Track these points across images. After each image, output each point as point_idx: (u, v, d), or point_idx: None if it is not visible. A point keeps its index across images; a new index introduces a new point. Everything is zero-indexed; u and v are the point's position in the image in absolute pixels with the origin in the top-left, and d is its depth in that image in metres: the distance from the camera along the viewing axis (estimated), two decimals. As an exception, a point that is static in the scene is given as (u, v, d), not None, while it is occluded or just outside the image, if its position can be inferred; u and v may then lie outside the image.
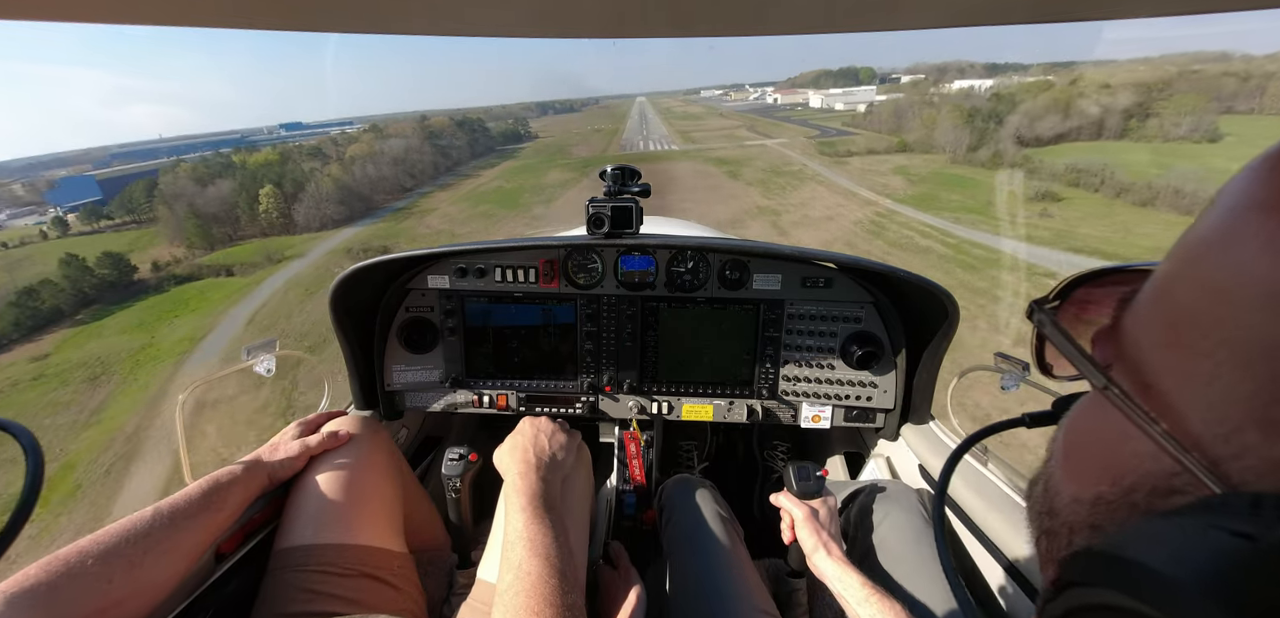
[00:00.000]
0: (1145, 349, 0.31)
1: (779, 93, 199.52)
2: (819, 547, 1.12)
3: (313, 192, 56.68)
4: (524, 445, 1.14)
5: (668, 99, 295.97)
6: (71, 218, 68.24)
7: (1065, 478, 0.36)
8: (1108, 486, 0.31)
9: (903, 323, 1.51)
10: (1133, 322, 0.33)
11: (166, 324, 32.38)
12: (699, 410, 1.67)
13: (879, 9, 0.55)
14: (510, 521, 0.96)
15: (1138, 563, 0.23)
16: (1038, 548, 0.39)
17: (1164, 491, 0.28)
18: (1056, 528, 0.36)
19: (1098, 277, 0.42)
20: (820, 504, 1.21)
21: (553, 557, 0.88)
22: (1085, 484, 0.34)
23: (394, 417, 1.72)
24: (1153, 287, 0.32)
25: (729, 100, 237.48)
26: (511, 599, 0.82)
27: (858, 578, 1.04)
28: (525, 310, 1.63)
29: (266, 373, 1.47)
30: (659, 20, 0.53)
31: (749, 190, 49.50)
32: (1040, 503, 0.39)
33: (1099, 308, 0.40)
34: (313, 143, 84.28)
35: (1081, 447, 0.36)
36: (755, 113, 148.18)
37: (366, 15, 0.52)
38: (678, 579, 1.19)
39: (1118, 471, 0.31)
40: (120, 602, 0.83)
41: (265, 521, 1.17)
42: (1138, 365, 0.31)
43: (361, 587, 1.04)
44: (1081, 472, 0.35)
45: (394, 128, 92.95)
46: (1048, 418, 0.51)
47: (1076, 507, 0.34)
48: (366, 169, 67.35)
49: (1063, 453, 0.38)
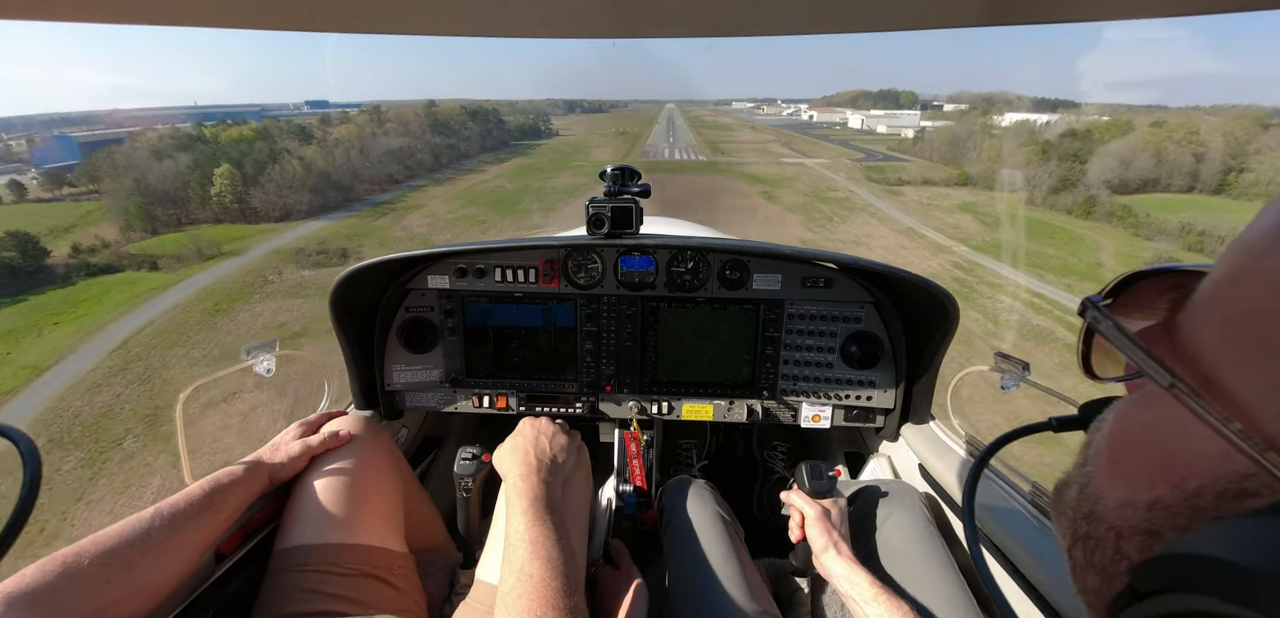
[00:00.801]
0: (1209, 347, 0.29)
1: (815, 110, 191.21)
2: (829, 546, 1.13)
3: (276, 176, 48.20)
4: (525, 447, 1.14)
5: (697, 108, 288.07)
6: (33, 183, 62.36)
7: (1111, 481, 0.35)
8: (1166, 489, 0.30)
9: (903, 323, 1.51)
10: (1192, 321, 0.31)
11: (36, 334, 25.11)
12: (699, 411, 1.68)
13: (884, 9, 0.55)
14: (512, 523, 0.96)
15: (1237, 565, 0.22)
16: (1072, 556, 0.37)
17: (1235, 493, 0.26)
18: (1100, 534, 0.34)
19: (1150, 275, 0.40)
20: (831, 504, 1.21)
21: (555, 559, 0.88)
22: (1138, 487, 0.32)
23: (394, 417, 1.72)
24: (1214, 285, 0.30)
25: (761, 114, 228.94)
26: (514, 602, 0.82)
27: (866, 577, 1.05)
28: (525, 311, 1.63)
29: (266, 373, 1.45)
30: (660, 20, 0.53)
31: (788, 218, 41.49)
32: (1075, 508, 0.38)
33: (1150, 309, 0.38)
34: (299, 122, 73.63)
35: (1131, 447, 0.35)
36: (789, 128, 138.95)
37: (367, 16, 0.52)
38: (678, 579, 1.19)
39: (1178, 473, 0.29)
40: (119, 602, 0.83)
41: (266, 521, 1.17)
42: (1200, 364, 0.29)
43: (362, 587, 1.04)
44: (1132, 475, 0.33)
45: (397, 113, 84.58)
46: (1075, 423, 0.50)
47: (1127, 511, 0.32)
48: (351, 155, 58.65)
49: (1107, 455, 0.36)
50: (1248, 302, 0.28)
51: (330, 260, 33.40)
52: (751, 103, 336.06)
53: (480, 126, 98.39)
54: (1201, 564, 0.24)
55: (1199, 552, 0.24)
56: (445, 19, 0.52)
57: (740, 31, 0.57)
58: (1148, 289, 0.39)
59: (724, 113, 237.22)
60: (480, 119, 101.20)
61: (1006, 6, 0.56)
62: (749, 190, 49.74)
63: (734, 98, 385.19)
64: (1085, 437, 0.41)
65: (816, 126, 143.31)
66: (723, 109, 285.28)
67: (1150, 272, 0.40)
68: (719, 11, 0.54)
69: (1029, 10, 0.57)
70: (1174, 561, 0.26)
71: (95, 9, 0.52)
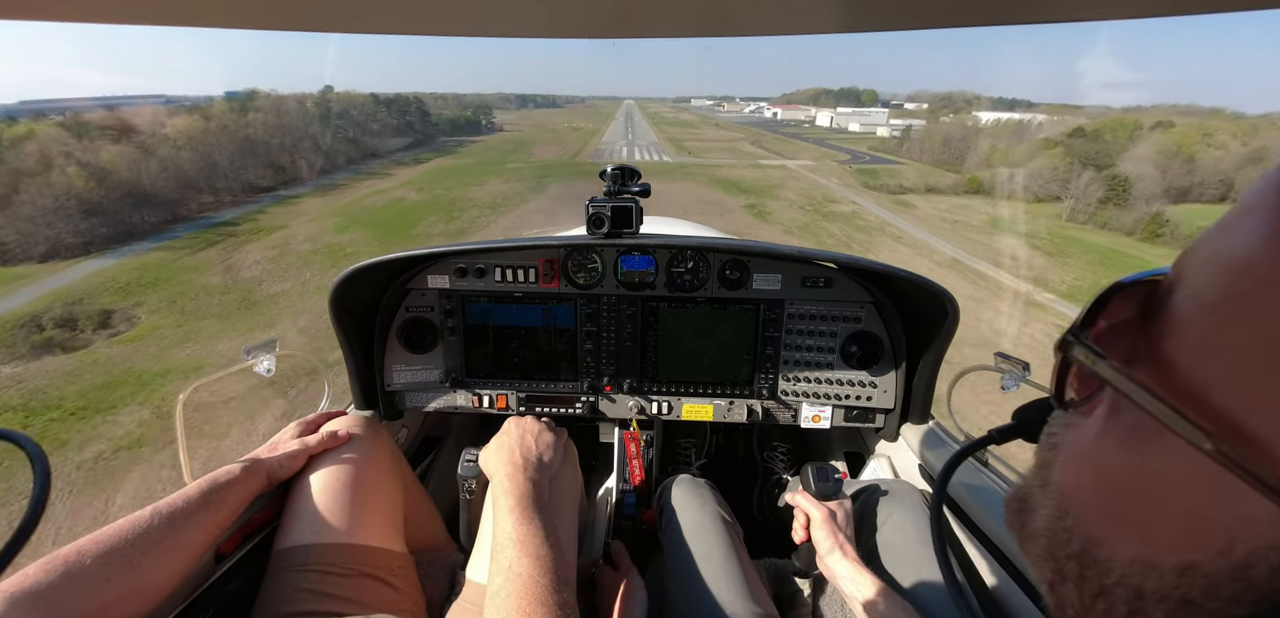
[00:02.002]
0: (1223, 387, 0.24)
1: (779, 107, 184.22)
2: (835, 548, 1.13)
3: (43, 193, 30.89)
4: (510, 447, 1.14)
5: (656, 105, 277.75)
6: None
7: (1114, 531, 0.30)
8: (1201, 554, 0.25)
9: (903, 323, 1.50)
10: (1190, 351, 0.26)
11: None
12: (699, 410, 1.67)
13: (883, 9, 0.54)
14: (499, 523, 0.96)
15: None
16: (1059, 595, 0.33)
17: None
18: (1108, 587, 0.30)
19: (1120, 291, 0.33)
20: (837, 506, 1.21)
21: (543, 556, 0.88)
22: (1159, 549, 0.27)
23: (394, 417, 1.72)
24: (1216, 307, 0.25)
25: (722, 111, 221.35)
26: (503, 601, 0.82)
27: (871, 579, 1.05)
28: (525, 310, 1.62)
29: (266, 373, 1.46)
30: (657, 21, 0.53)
31: (790, 242, 30.18)
32: (1053, 539, 0.33)
33: (1117, 332, 0.32)
34: (93, 118, 47.12)
35: (1133, 498, 0.29)
36: (754, 126, 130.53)
37: (361, 16, 0.52)
38: (677, 580, 1.19)
39: (1218, 539, 0.25)
40: (119, 601, 0.83)
41: (265, 521, 1.17)
42: (1216, 408, 0.24)
43: (361, 587, 1.04)
44: (1147, 531, 0.28)
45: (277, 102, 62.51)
46: (1015, 432, 0.47)
47: (1151, 573, 0.28)
48: (184, 157, 41.54)
49: (1100, 501, 0.31)
50: (1269, 331, 0.23)
51: (81, 333, 19.67)
52: (711, 100, 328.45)
53: (397, 119, 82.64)
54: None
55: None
56: (440, 18, 0.51)
57: (737, 32, 0.57)
58: (1114, 308, 0.33)
59: (684, 110, 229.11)
60: (397, 110, 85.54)
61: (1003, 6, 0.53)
62: (731, 204, 38.31)
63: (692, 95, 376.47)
64: (1039, 449, 0.37)
65: (783, 124, 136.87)
66: (682, 106, 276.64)
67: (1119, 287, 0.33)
68: (718, 11, 0.53)
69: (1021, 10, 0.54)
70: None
71: (96, 9, 0.52)
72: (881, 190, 48.00)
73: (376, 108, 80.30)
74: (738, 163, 61.52)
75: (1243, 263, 0.24)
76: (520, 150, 71.49)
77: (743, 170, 55.08)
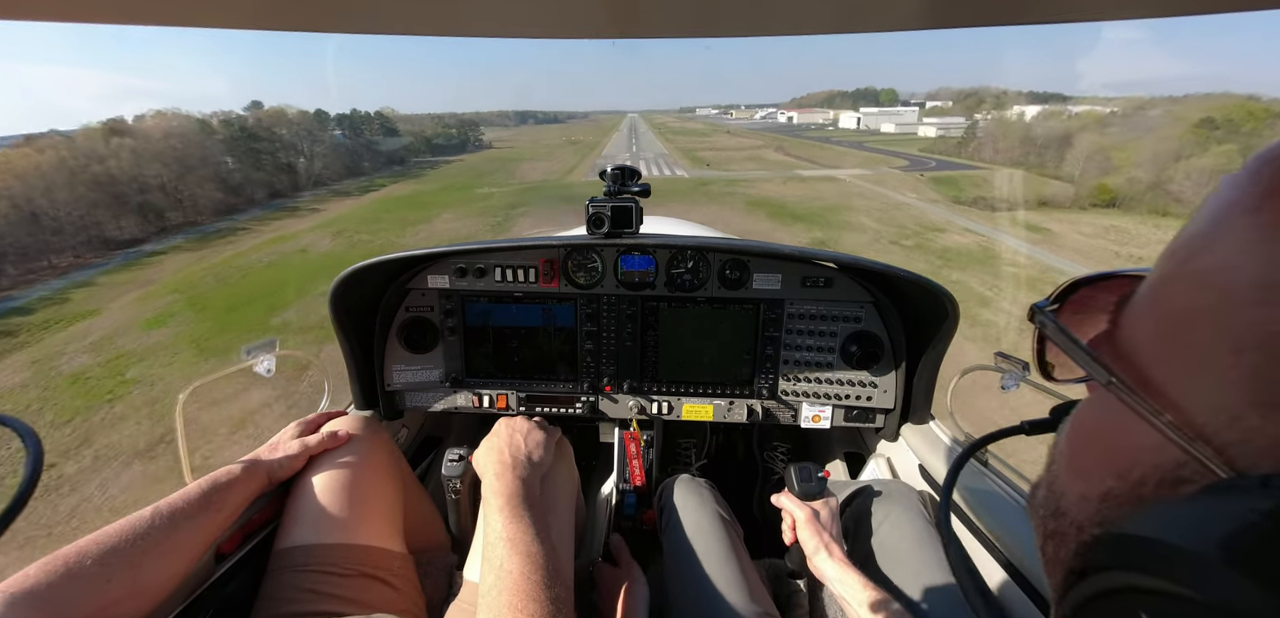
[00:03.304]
0: (1144, 347, 0.31)
1: (794, 112, 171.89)
2: (820, 548, 1.13)
3: None
4: (499, 446, 1.14)
5: (660, 116, 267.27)
6: None
7: (1071, 477, 0.37)
8: (1115, 480, 0.32)
9: (903, 323, 1.50)
10: (1130, 323, 0.33)
11: None
12: (699, 410, 1.66)
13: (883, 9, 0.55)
14: (489, 522, 0.96)
15: (1158, 541, 0.24)
16: (1043, 553, 0.39)
17: (1172, 480, 0.28)
18: (1064, 528, 0.36)
19: (1094, 281, 0.42)
20: (821, 505, 1.21)
21: (534, 553, 0.88)
22: (1092, 482, 0.34)
23: (394, 417, 1.71)
24: (1149, 288, 0.33)
25: (731, 118, 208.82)
26: (495, 599, 0.82)
27: (858, 579, 1.05)
28: (525, 310, 1.62)
29: (267, 373, 1.45)
30: (655, 21, 0.53)
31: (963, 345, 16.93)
32: (1044, 506, 0.39)
33: (1096, 313, 0.40)
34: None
35: (1086, 445, 0.36)
36: (772, 132, 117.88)
37: (361, 17, 0.52)
38: (677, 580, 1.19)
39: (1124, 465, 0.31)
40: (119, 601, 0.83)
41: (265, 521, 1.17)
42: (1137, 363, 0.31)
43: (361, 587, 1.04)
44: (1088, 469, 0.35)
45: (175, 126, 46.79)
46: (1046, 426, 0.51)
47: (1084, 504, 0.34)
48: None
49: (1068, 453, 0.38)
50: (1176, 302, 0.30)
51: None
52: (716, 109, 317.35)
53: (351, 142, 69.30)
54: (1132, 543, 0.25)
55: (1131, 532, 0.26)
56: (438, 19, 0.51)
57: (736, 32, 0.57)
58: (1096, 295, 0.42)
59: (690, 119, 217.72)
60: (350, 127, 73.53)
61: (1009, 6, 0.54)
62: (784, 237, 25.98)
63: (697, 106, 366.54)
64: (1055, 438, 0.43)
65: (802, 129, 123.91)
66: (687, 116, 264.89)
67: (1094, 277, 0.42)
68: (716, 11, 0.53)
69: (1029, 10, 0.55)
70: (1110, 541, 0.27)
71: (98, 9, 0.52)
72: (980, 207, 34.80)
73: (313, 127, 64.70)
74: (771, 176, 48.48)
75: (1175, 250, 0.31)
76: (502, 170, 59.09)
77: (781, 186, 41.97)
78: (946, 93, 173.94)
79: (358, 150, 65.94)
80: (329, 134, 67.63)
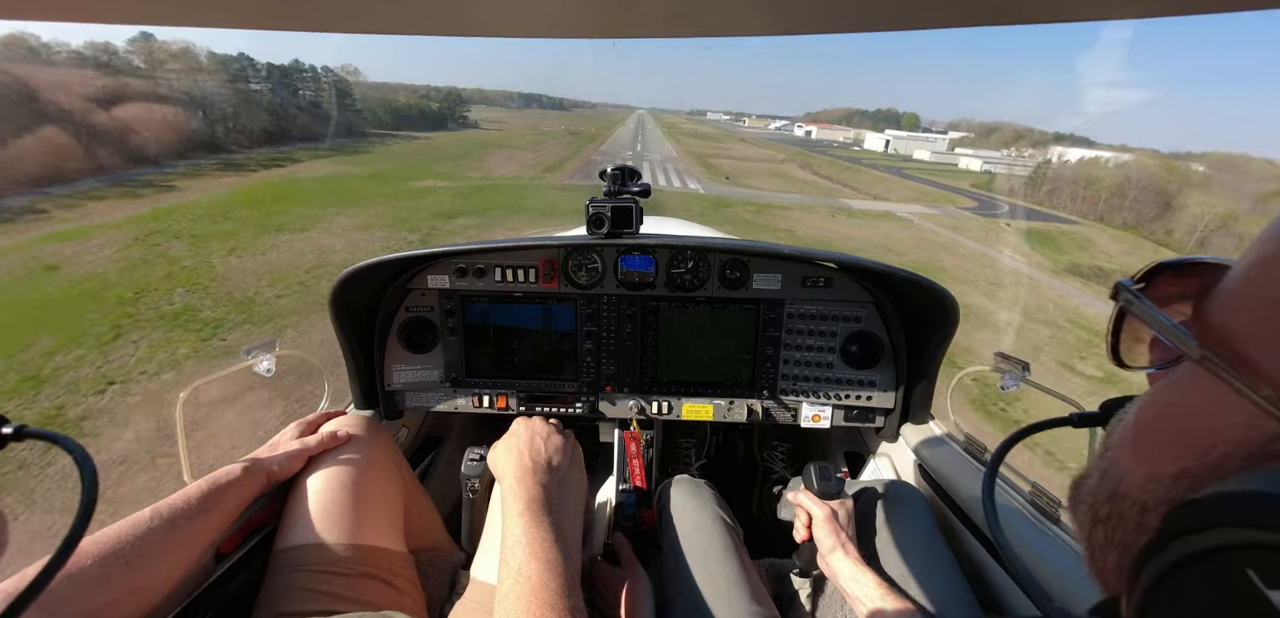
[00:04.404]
0: (1238, 328, 0.31)
1: (813, 126, 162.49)
2: (837, 547, 1.13)
3: None
4: (520, 449, 1.13)
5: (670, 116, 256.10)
6: None
7: (1136, 460, 0.36)
8: (1191, 460, 0.31)
9: (903, 323, 1.50)
10: (1218, 307, 0.33)
11: None
12: (699, 410, 1.66)
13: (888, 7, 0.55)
14: (508, 524, 0.96)
15: (1270, 494, 0.23)
16: (1091, 541, 0.38)
17: (1261, 456, 0.27)
18: (1123, 511, 0.35)
19: (1179, 266, 0.41)
20: (840, 505, 1.21)
21: (553, 560, 0.89)
22: (1163, 462, 0.33)
23: (394, 417, 1.70)
24: (1243, 272, 0.32)
25: (744, 126, 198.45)
26: (512, 603, 0.83)
27: (872, 578, 1.05)
28: (525, 310, 1.62)
29: (267, 373, 1.44)
30: (653, 19, 0.53)
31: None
32: (1095, 493, 0.39)
33: (1178, 301, 0.40)
34: None
35: (1157, 427, 0.36)
36: (791, 145, 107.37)
37: (361, 16, 0.53)
38: (677, 580, 1.19)
39: (1204, 444, 0.31)
40: (119, 601, 0.83)
41: (265, 521, 1.17)
42: (1231, 344, 0.31)
43: (362, 586, 1.04)
44: (1157, 451, 0.34)
45: None
46: (1096, 419, 0.51)
47: (1153, 486, 0.33)
48: None
49: (1132, 437, 0.37)
50: (1276, 283, 0.29)
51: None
52: (727, 114, 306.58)
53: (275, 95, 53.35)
54: (1239, 499, 0.24)
55: (1232, 490, 0.25)
56: (437, 19, 0.52)
57: (734, 32, 0.57)
58: (1174, 283, 0.41)
59: (701, 122, 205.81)
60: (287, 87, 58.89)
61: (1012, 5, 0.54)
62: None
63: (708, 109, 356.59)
64: (1105, 432, 0.42)
65: (825, 145, 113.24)
66: (698, 119, 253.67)
67: (1178, 262, 0.41)
68: (715, 10, 0.53)
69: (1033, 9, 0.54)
70: (1207, 501, 0.26)
71: (96, 9, 0.52)
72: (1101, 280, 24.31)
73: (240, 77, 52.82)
74: (809, 202, 37.69)
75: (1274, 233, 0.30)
76: (471, 155, 47.51)
77: (829, 220, 31.15)
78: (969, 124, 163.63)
79: (288, 111, 53.62)
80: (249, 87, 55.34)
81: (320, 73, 68.20)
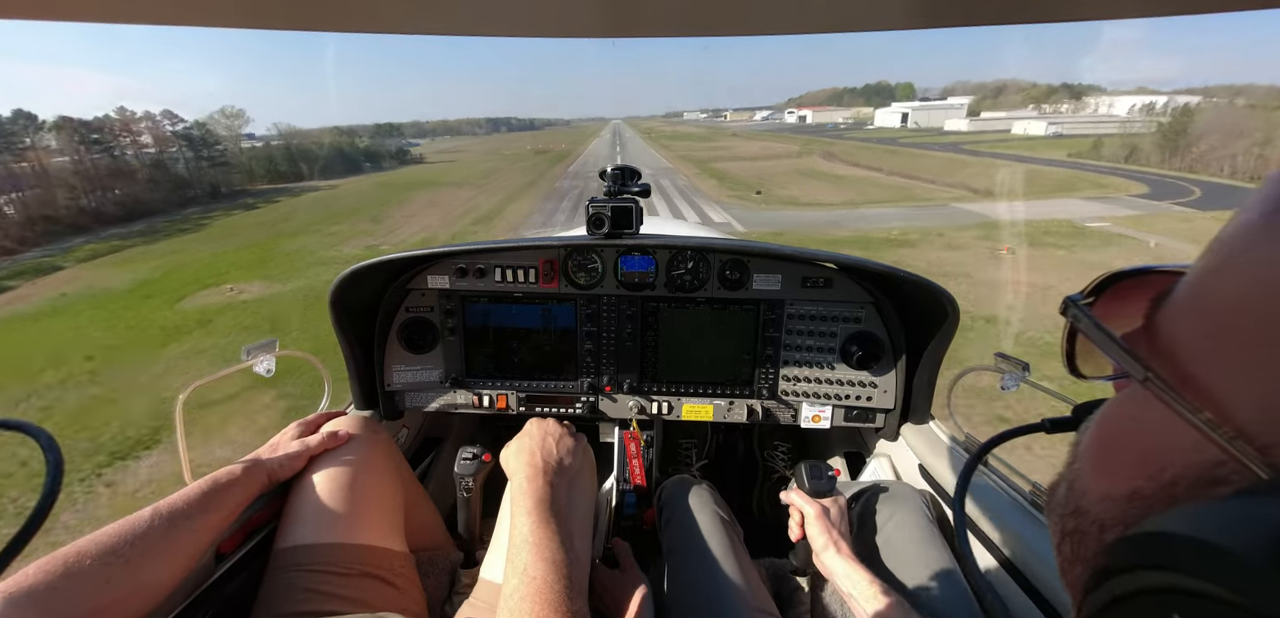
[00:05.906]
0: (1183, 343, 0.30)
1: (809, 110, 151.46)
2: (829, 545, 1.13)
3: None
4: (531, 449, 1.13)
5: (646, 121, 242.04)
6: None
7: (1095, 476, 0.35)
8: (1144, 480, 0.31)
9: (903, 323, 1.50)
10: (1168, 318, 0.32)
11: None
12: (699, 410, 1.66)
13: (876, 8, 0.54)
14: (516, 524, 0.95)
15: (1198, 540, 0.23)
16: (1060, 552, 0.38)
17: (1207, 481, 0.27)
18: (1084, 527, 0.35)
19: (1131, 275, 0.41)
20: (831, 503, 1.21)
21: (559, 562, 0.88)
22: (1118, 481, 0.33)
23: (394, 417, 1.70)
24: (1190, 283, 0.31)
25: (727, 121, 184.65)
26: (517, 604, 0.82)
27: (865, 576, 1.05)
28: (525, 311, 1.61)
29: (266, 374, 1.44)
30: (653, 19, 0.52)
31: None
32: (1063, 505, 0.38)
33: (1131, 308, 0.38)
34: None
35: (1114, 443, 0.35)
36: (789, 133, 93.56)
37: (360, 16, 0.52)
38: (677, 580, 1.19)
39: (1156, 465, 0.30)
40: (119, 601, 0.83)
41: (265, 521, 1.16)
42: (1176, 360, 0.30)
43: (362, 586, 1.04)
44: (1114, 468, 0.34)
45: None
46: (1067, 424, 0.51)
47: (1108, 504, 0.33)
48: None
49: (1092, 452, 0.37)
50: (1221, 296, 0.28)
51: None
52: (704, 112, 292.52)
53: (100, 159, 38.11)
54: (1170, 542, 0.24)
55: (1167, 530, 0.25)
56: (436, 18, 0.51)
57: (735, 31, 0.56)
58: (1130, 291, 0.40)
59: (680, 124, 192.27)
60: (101, 146, 41.05)
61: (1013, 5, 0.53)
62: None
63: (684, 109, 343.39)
64: (1076, 437, 0.41)
65: (825, 129, 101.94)
66: (676, 120, 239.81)
67: (1130, 272, 0.40)
68: (715, 10, 0.53)
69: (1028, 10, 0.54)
70: (1140, 540, 0.26)
71: (96, 9, 0.52)
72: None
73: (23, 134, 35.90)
74: (906, 215, 23.69)
75: (1222, 242, 0.29)
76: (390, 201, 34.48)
77: (997, 260, 16.79)
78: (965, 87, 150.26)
79: (97, 175, 37.43)
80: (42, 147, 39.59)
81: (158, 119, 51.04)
